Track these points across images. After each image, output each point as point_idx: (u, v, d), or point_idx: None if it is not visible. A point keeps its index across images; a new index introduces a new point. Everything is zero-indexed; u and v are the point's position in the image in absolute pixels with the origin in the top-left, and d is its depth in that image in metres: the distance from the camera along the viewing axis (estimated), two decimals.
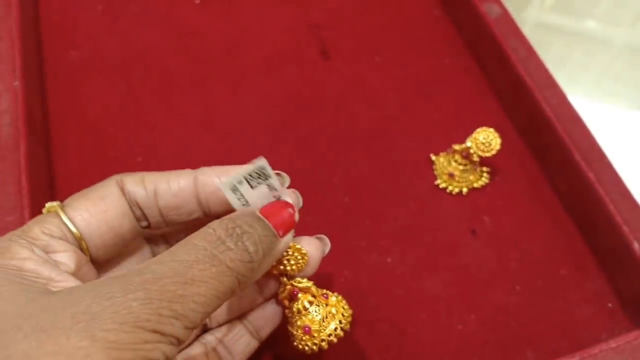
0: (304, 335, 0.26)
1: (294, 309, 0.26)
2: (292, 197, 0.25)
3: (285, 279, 0.26)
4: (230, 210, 0.24)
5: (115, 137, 0.39)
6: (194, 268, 0.20)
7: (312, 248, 0.26)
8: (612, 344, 0.29)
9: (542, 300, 0.34)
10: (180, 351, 0.26)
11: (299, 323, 0.26)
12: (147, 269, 0.19)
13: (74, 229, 0.23)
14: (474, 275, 0.35)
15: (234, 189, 0.24)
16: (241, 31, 0.45)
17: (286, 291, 0.27)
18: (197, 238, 0.21)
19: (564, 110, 0.37)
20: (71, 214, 0.23)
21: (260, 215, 0.23)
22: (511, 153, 0.39)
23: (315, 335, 0.26)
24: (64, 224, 0.23)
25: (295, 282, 0.26)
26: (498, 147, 0.36)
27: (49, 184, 0.37)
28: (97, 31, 0.45)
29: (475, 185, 0.38)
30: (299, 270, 0.26)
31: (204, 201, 0.25)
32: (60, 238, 0.22)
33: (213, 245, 0.21)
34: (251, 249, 0.22)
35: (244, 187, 0.24)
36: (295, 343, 0.26)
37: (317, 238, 0.27)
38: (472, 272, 0.35)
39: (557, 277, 0.35)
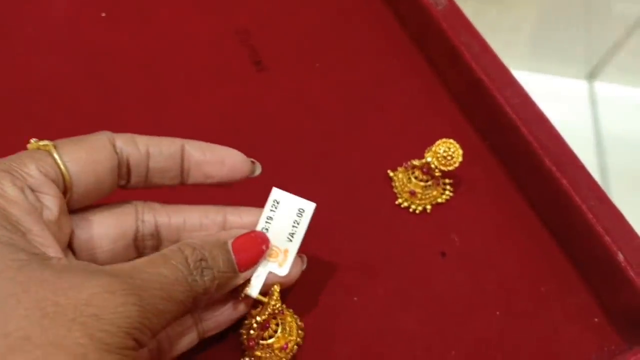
0: (281, 352, 0.28)
1: (266, 335, 0.28)
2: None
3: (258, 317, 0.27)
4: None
5: None
6: (174, 288, 0.21)
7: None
8: None
9: (525, 324, 0.31)
10: None
11: (276, 345, 0.28)
12: (137, 276, 0.20)
13: (66, 175, 0.23)
14: (450, 304, 0.31)
15: (275, 204, 0.27)
16: (158, 45, 0.40)
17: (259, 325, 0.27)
18: (175, 259, 0.22)
19: (527, 110, 0.33)
20: (64, 157, 0.23)
21: (230, 249, 0.24)
22: (474, 161, 0.35)
23: (290, 346, 0.28)
24: (58, 166, 0.23)
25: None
26: (460, 159, 0.33)
27: None
28: None
29: (439, 200, 0.35)
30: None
31: (185, 170, 0.26)
32: (53, 180, 0.22)
33: (188, 271, 0.22)
34: (208, 284, 0.23)
35: (279, 211, 0.27)
36: None
37: (299, 256, 0.28)
38: (447, 301, 0.31)
39: (538, 296, 0.32)
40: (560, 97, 0.61)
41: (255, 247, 0.25)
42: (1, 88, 0.37)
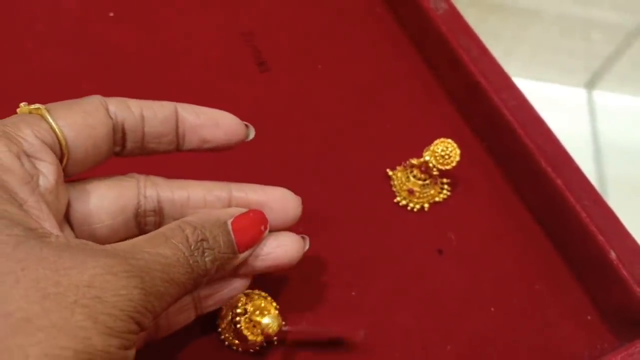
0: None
1: (254, 318, 0.27)
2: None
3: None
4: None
5: None
6: (175, 270, 0.20)
7: (293, 245, 0.26)
8: None
9: (519, 320, 0.32)
10: None
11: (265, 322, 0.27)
12: (138, 256, 0.20)
13: (63, 140, 0.21)
14: (446, 301, 0.32)
15: None
16: (164, 46, 0.40)
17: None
18: (176, 238, 0.21)
19: (524, 112, 0.34)
20: (59, 122, 0.22)
21: (230, 229, 0.24)
22: (472, 162, 0.36)
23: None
24: (54, 131, 0.21)
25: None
26: (458, 158, 0.33)
27: None
28: None
29: (437, 199, 0.35)
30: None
31: (181, 135, 0.25)
32: (49, 146, 0.21)
33: (189, 252, 0.21)
34: (208, 265, 0.22)
35: None
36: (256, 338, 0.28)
37: (301, 237, 0.27)
38: (443, 297, 0.32)
39: (533, 293, 0.32)
40: (559, 106, 0.62)
41: (255, 227, 0.25)
42: (12, 85, 0.38)
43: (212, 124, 0.26)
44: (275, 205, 0.26)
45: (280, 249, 0.26)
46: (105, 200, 0.24)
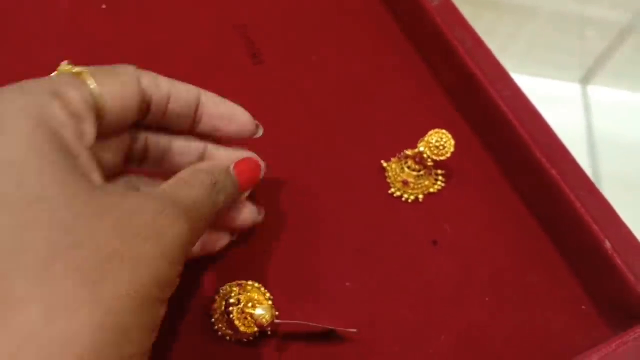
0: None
1: (247, 310, 0.28)
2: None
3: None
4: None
5: None
6: (203, 208, 0.23)
7: (246, 214, 0.30)
8: (594, 357, 0.27)
9: (513, 310, 0.32)
10: None
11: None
12: (177, 197, 0.22)
13: (101, 106, 0.23)
14: (440, 291, 0.32)
15: None
16: (156, 38, 0.40)
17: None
18: (197, 182, 0.24)
19: (518, 103, 0.34)
20: (100, 88, 0.23)
21: (232, 172, 0.27)
22: (466, 153, 0.36)
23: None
24: (93, 95, 0.23)
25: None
26: (452, 149, 0.33)
27: None
28: None
29: (431, 190, 0.35)
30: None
31: (197, 118, 0.28)
32: (91, 109, 0.23)
33: (208, 192, 0.24)
34: (222, 204, 0.25)
35: None
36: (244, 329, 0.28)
37: (257, 209, 0.31)
38: (437, 288, 0.32)
39: (527, 283, 0.32)
40: (553, 101, 0.62)
41: (253, 171, 0.28)
42: (5, 80, 0.37)
43: (228, 116, 0.28)
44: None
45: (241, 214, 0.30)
46: (110, 141, 0.26)
